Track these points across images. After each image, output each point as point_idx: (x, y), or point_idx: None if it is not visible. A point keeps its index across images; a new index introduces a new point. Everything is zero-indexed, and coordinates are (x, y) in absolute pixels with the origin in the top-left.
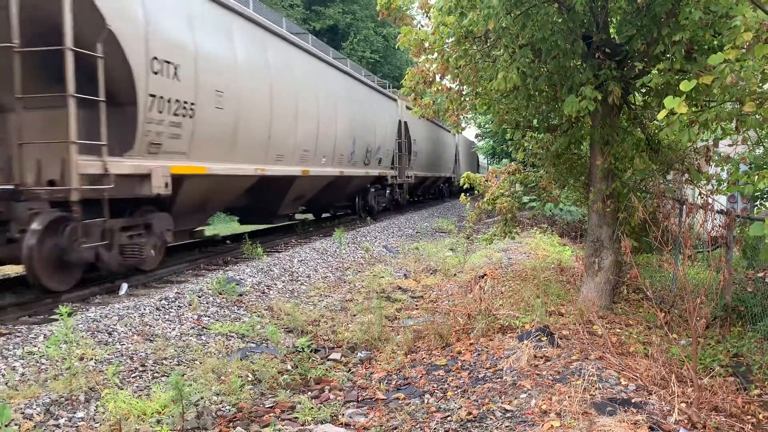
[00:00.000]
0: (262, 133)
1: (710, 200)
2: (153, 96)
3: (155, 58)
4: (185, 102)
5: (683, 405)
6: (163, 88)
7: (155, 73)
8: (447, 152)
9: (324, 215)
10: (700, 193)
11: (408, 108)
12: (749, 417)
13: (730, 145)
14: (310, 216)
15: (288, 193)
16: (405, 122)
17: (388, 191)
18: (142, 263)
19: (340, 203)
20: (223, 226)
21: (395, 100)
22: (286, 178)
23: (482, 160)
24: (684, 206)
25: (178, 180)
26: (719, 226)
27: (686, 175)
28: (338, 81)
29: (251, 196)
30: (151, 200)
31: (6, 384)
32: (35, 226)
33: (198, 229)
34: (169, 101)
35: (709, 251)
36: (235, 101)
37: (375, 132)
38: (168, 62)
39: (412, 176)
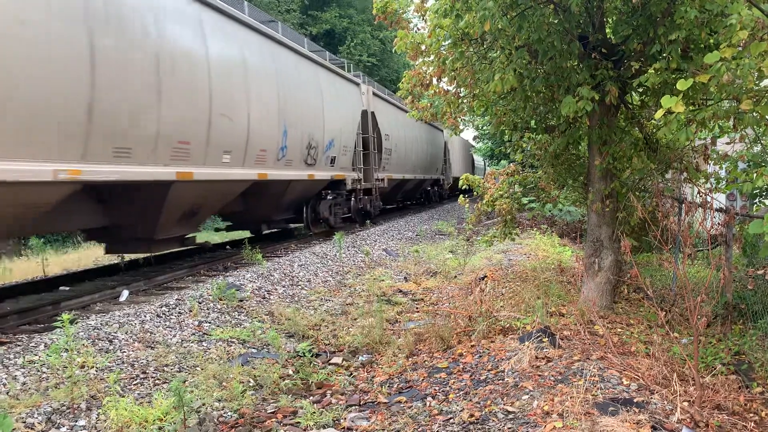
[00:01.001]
0: (70, 108)
1: (709, 198)
2: None
3: None
4: None
5: (685, 404)
6: None
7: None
8: (433, 151)
9: (267, 232)
10: (698, 192)
11: (377, 95)
12: (751, 415)
13: (728, 143)
14: (239, 235)
15: (162, 207)
16: (372, 113)
17: (351, 198)
18: None
19: (278, 216)
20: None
21: (357, 84)
22: (145, 184)
23: (479, 161)
24: (683, 205)
25: None
26: (719, 224)
27: (685, 174)
28: (254, 46)
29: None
30: None
31: (7, 393)
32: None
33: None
34: None
35: (708, 249)
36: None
37: (323, 122)
38: None
39: (385, 179)
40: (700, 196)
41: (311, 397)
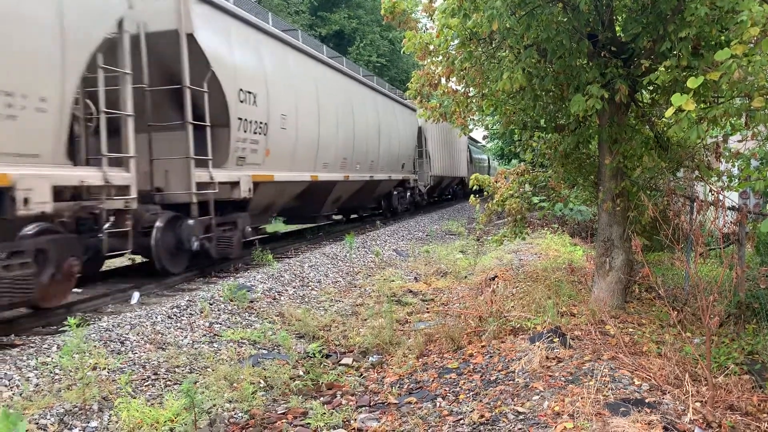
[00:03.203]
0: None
1: (721, 197)
2: (240, 119)
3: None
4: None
5: (698, 404)
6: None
7: (241, 101)
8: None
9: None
10: (710, 190)
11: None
12: (765, 416)
13: (739, 141)
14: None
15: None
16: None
17: (409, 193)
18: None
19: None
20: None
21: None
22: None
23: (492, 161)
24: (695, 203)
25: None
26: (731, 222)
27: (696, 172)
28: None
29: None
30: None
31: (20, 395)
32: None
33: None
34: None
35: (721, 248)
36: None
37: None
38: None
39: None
40: (712, 195)
41: (321, 398)
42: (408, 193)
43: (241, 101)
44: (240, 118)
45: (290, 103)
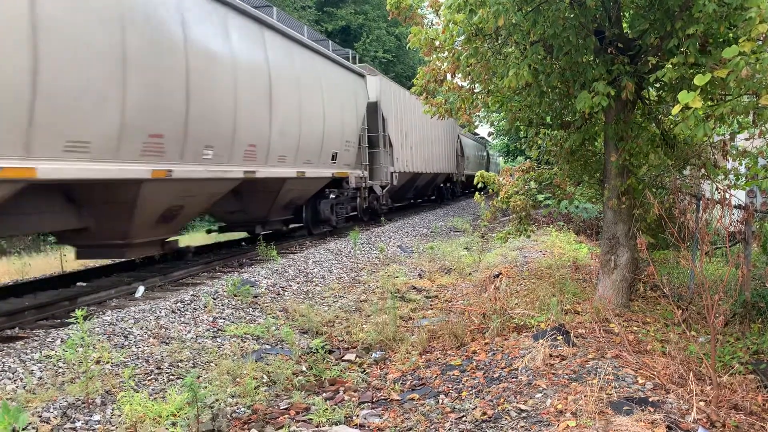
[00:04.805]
0: None
1: (728, 195)
2: None
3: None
4: None
5: (702, 403)
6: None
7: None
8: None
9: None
10: (717, 188)
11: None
12: None
13: (747, 139)
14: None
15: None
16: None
17: (350, 195)
18: None
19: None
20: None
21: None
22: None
23: (494, 156)
24: (701, 201)
25: None
26: (737, 221)
27: (703, 170)
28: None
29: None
30: None
31: (24, 388)
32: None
33: None
34: None
35: (727, 247)
36: None
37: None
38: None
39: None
40: (719, 193)
41: (324, 394)
42: (350, 196)
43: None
44: None
45: None
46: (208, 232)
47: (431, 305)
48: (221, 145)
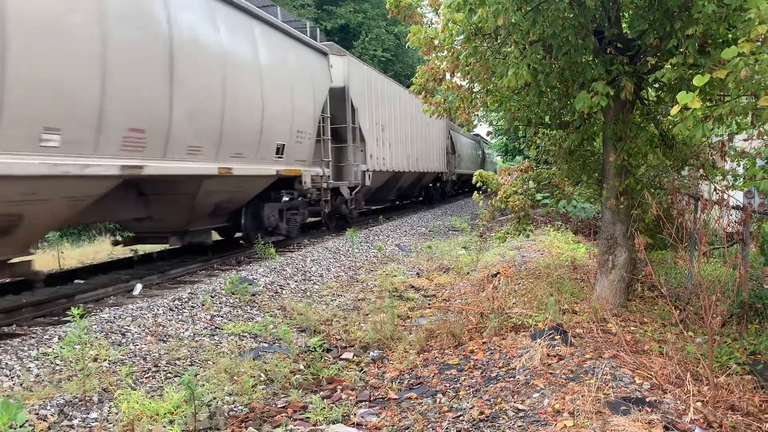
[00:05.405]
0: None
1: (726, 196)
2: None
3: None
4: None
5: (699, 404)
6: None
7: None
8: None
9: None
10: (715, 189)
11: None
12: (767, 416)
13: (745, 140)
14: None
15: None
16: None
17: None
18: None
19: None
20: None
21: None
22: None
23: (491, 154)
24: (699, 202)
25: None
26: (735, 221)
27: (701, 171)
28: None
29: None
30: None
31: (21, 385)
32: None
33: None
34: None
35: (725, 247)
36: None
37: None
38: None
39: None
40: (717, 194)
41: (321, 392)
42: (310, 200)
43: None
44: None
45: None
46: (115, 243)
47: (429, 304)
48: (76, 127)
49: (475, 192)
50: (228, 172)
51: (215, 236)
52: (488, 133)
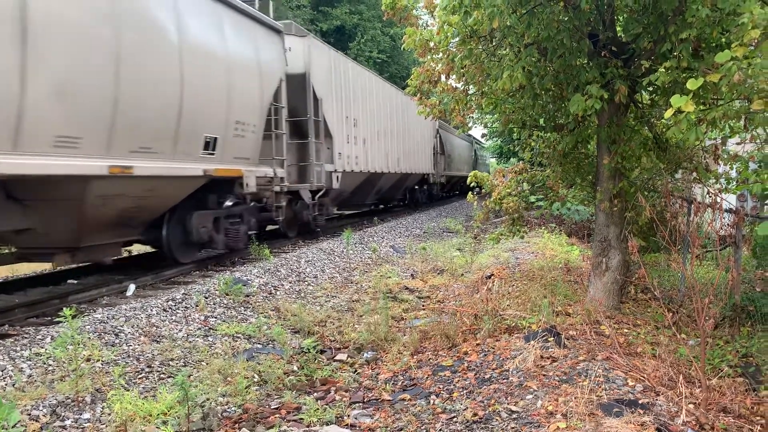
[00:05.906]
0: None
1: (719, 199)
2: None
3: None
4: None
5: (691, 406)
6: None
7: None
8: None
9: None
10: (708, 192)
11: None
12: (758, 418)
13: (738, 144)
14: None
15: None
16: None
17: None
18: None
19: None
20: None
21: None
22: None
23: (484, 155)
24: (692, 205)
25: None
26: (728, 225)
27: (694, 174)
28: None
29: None
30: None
31: (13, 385)
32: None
33: None
34: None
35: (717, 250)
36: None
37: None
38: None
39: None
40: (710, 197)
41: (315, 394)
42: (263, 205)
43: None
44: None
45: None
46: None
47: (423, 306)
48: None
49: (470, 193)
50: (125, 171)
51: (147, 248)
52: (483, 135)
